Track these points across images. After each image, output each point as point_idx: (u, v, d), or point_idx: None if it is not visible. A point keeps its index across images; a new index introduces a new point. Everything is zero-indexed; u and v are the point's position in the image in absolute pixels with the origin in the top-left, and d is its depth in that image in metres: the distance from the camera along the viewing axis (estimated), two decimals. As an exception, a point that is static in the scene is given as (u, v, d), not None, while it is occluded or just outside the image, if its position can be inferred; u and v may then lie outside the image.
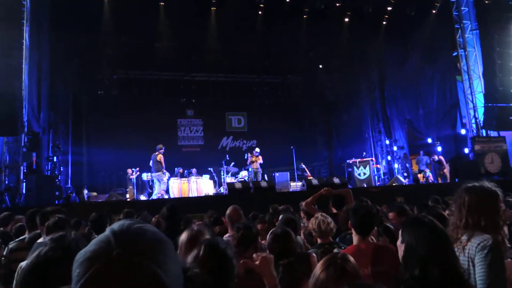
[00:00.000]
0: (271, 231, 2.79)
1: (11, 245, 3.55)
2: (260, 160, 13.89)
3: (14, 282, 1.38)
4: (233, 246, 3.13)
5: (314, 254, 2.90)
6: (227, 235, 3.89)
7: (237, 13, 14.31)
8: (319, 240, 3.36)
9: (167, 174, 12.57)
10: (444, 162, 13.69)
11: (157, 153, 12.40)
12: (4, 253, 3.50)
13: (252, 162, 13.79)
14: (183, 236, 2.47)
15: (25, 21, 9.96)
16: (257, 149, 14.06)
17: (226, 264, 1.69)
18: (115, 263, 0.67)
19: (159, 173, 12.28)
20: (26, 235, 3.73)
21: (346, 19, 15.56)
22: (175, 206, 4.93)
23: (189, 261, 1.65)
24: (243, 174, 14.32)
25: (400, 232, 1.96)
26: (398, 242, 1.97)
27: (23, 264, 1.40)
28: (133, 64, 16.61)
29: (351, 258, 1.92)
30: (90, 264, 0.67)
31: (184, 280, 0.75)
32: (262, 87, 19.28)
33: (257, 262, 1.96)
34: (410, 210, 4.24)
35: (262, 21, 15.16)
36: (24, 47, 9.84)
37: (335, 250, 3.05)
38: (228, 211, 4.09)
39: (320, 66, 18.94)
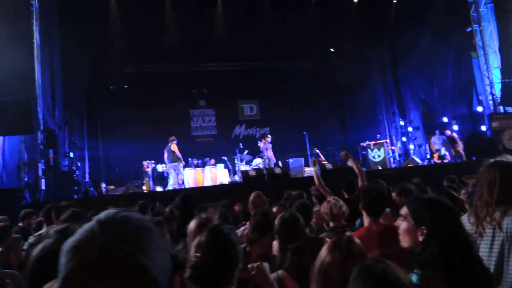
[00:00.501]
0: (279, 215, 2.80)
1: (31, 239, 3.65)
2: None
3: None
4: (249, 232, 3.15)
5: (327, 239, 2.89)
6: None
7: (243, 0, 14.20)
8: (331, 224, 3.36)
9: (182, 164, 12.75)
10: (458, 140, 13.44)
11: (170, 144, 12.52)
12: (25, 247, 3.60)
13: (266, 149, 13.83)
14: (192, 224, 2.50)
15: (34, 20, 10.06)
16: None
17: (230, 250, 1.69)
18: (99, 252, 0.67)
19: (176, 163, 12.43)
20: (44, 230, 3.83)
21: (355, 0, 15.27)
22: (188, 195, 5.00)
23: (194, 247, 1.67)
24: (257, 161, 14.33)
25: (406, 213, 1.91)
26: (405, 225, 1.90)
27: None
28: (143, 58, 16.69)
29: (357, 240, 1.90)
30: (74, 253, 0.67)
31: (173, 267, 0.76)
32: (272, 74, 19.21)
33: (253, 273, 1.94)
34: (414, 189, 4.19)
35: (269, 7, 15.00)
36: (35, 46, 9.96)
37: (348, 234, 3.04)
38: (251, 197, 4.09)
39: (332, 49, 18.70)
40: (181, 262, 0.78)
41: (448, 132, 13.75)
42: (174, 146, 12.44)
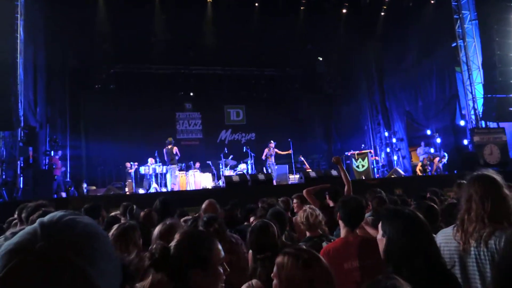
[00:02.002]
0: (252, 224, 2.76)
1: None
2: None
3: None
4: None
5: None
6: None
7: (234, 5, 14.21)
8: (307, 234, 3.33)
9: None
10: (435, 164, 13.58)
11: (170, 146, 12.89)
12: None
13: (271, 155, 13.90)
14: (156, 230, 2.45)
15: (19, 15, 9.88)
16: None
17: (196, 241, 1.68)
18: (37, 257, 0.62)
19: (174, 166, 12.69)
20: (18, 229, 3.72)
21: (344, 10, 15.43)
22: (167, 199, 4.92)
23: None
24: (242, 167, 14.29)
25: (380, 225, 1.92)
26: (379, 236, 1.93)
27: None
28: (130, 58, 16.56)
29: (317, 254, 1.88)
30: (10, 257, 0.62)
31: (124, 277, 0.71)
32: (260, 80, 19.25)
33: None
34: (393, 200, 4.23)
35: (259, 13, 15.04)
36: (18, 41, 9.77)
37: (324, 244, 3.02)
38: (203, 205, 4.01)
39: (320, 58, 18.84)
40: (133, 272, 0.73)
41: (432, 150, 13.96)
42: (175, 148, 12.86)
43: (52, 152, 12.76)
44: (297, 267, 1.77)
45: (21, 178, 10.33)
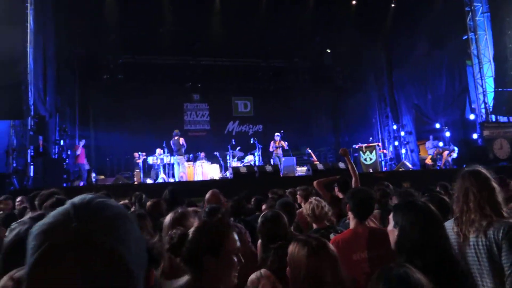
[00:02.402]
0: (262, 214, 2.78)
1: (13, 225, 3.57)
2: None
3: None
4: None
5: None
6: None
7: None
8: (314, 225, 3.34)
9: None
10: (444, 158, 13.50)
11: (177, 137, 12.93)
12: (7, 233, 3.54)
13: (277, 147, 13.89)
14: (167, 218, 2.47)
15: (29, 5, 9.91)
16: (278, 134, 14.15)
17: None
18: (72, 238, 0.63)
19: (181, 156, 12.78)
20: (29, 216, 3.77)
21: (354, 2, 15.28)
22: (176, 189, 4.95)
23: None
24: (249, 158, 14.33)
25: (391, 216, 1.93)
26: (389, 227, 1.94)
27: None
28: (138, 49, 16.57)
29: (328, 243, 1.92)
30: (45, 238, 0.63)
31: (149, 259, 0.72)
32: (268, 72, 19.18)
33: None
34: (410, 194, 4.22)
35: (268, 4, 14.96)
36: (28, 30, 9.82)
37: (331, 235, 3.03)
38: (207, 196, 4.02)
39: (328, 50, 18.71)
40: (157, 255, 0.75)
41: (440, 144, 13.86)
42: (182, 139, 12.90)
43: (62, 141, 12.88)
44: (304, 254, 1.80)
45: (32, 166, 10.46)
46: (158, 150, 13.40)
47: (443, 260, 1.73)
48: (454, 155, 13.56)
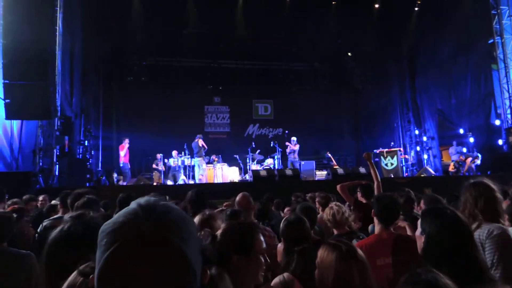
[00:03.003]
0: (284, 218, 2.80)
1: (45, 222, 3.68)
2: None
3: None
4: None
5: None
6: None
7: (265, -1, 14.23)
8: (335, 231, 3.34)
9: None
10: (467, 164, 13.22)
11: (197, 140, 13.16)
12: (39, 230, 3.66)
13: (294, 151, 13.99)
14: (195, 219, 2.52)
15: (58, 8, 10.21)
16: (294, 138, 14.26)
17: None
18: (143, 237, 0.67)
19: (200, 158, 12.95)
20: (60, 214, 3.89)
21: (377, 5, 15.16)
22: (201, 191, 5.00)
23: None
24: (269, 161, 14.36)
25: (419, 222, 1.93)
26: (417, 233, 1.94)
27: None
28: (162, 51, 16.85)
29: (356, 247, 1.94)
30: (117, 235, 0.68)
31: (203, 259, 0.76)
32: (289, 75, 19.19)
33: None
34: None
35: (290, 8, 14.99)
36: (57, 33, 10.10)
37: (354, 241, 3.03)
38: (237, 198, 4.04)
39: (349, 54, 18.60)
40: (210, 256, 0.79)
41: (462, 157, 13.57)
42: (201, 142, 13.14)
43: (86, 142, 13.17)
44: (334, 258, 1.82)
45: (57, 166, 10.74)
46: (174, 152, 13.57)
47: (471, 268, 1.72)
48: (478, 161, 13.25)
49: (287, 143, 14.47)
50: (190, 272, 0.69)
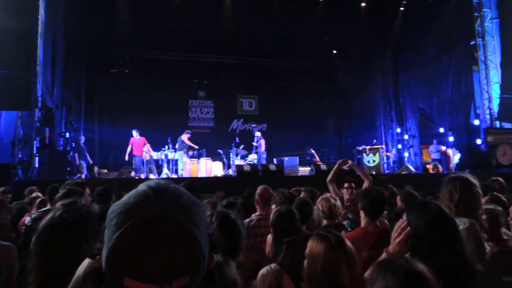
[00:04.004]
0: (275, 209, 2.82)
1: (34, 215, 3.60)
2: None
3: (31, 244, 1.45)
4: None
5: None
6: (257, 213, 3.80)
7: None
8: (325, 222, 3.39)
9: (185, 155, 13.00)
10: (452, 157, 13.52)
11: (184, 134, 13.01)
12: (26, 221, 3.59)
13: (257, 147, 13.99)
14: None
15: (40, -3, 9.98)
16: (258, 134, 14.30)
17: (236, 232, 1.79)
18: (155, 219, 0.67)
19: (181, 152, 12.79)
20: (49, 207, 3.80)
21: (363, 4, 15.28)
22: (193, 183, 4.98)
23: None
24: (252, 157, 14.37)
25: (404, 215, 1.96)
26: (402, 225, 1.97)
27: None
28: (146, 44, 16.62)
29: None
30: (128, 216, 0.68)
31: (210, 245, 0.76)
32: (274, 71, 19.20)
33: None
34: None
35: (277, 4, 14.96)
36: (39, 22, 9.87)
37: (342, 233, 3.07)
38: (258, 190, 3.98)
39: (334, 51, 18.72)
40: (216, 241, 0.79)
41: (443, 148, 13.85)
42: (184, 136, 12.93)
43: (67, 134, 12.92)
44: (322, 249, 1.84)
45: (37, 158, 10.51)
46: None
47: (458, 262, 1.75)
48: (456, 159, 13.57)
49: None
50: (200, 256, 0.69)
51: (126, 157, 12.70)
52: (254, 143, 14.23)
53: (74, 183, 3.47)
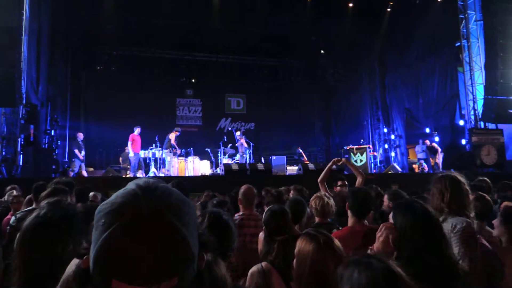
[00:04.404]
0: (268, 207, 2.82)
1: (19, 214, 3.54)
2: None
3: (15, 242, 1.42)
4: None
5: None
6: (240, 213, 3.82)
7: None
8: (317, 219, 3.41)
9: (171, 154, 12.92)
10: (439, 150, 13.75)
11: (172, 132, 13.06)
12: (11, 221, 3.53)
13: (241, 144, 13.98)
14: None
15: (25, -9, 9.80)
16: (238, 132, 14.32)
17: (228, 233, 1.80)
18: (144, 218, 0.66)
19: (167, 151, 12.77)
20: (34, 206, 3.73)
21: (351, 4, 15.38)
22: (182, 182, 4.94)
23: None
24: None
25: (391, 215, 1.98)
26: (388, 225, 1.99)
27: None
28: (134, 41, 16.42)
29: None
30: (117, 216, 0.66)
31: (199, 245, 0.75)
32: (262, 70, 19.20)
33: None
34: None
35: (265, 2, 14.95)
36: (24, 18, 9.70)
37: (334, 230, 3.09)
38: (242, 190, 3.98)
39: (322, 51, 18.81)
40: (206, 241, 0.79)
41: (427, 142, 14.06)
42: (172, 135, 12.91)
43: (52, 131, 12.72)
44: (311, 249, 1.85)
45: (21, 155, 10.34)
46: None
47: (443, 263, 1.77)
48: (440, 158, 13.79)
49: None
50: (189, 256, 0.69)
51: (132, 153, 12.39)
52: (237, 144, 14.20)
53: (62, 182, 3.42)
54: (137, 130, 12.71)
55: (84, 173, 12.60)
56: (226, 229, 1.86)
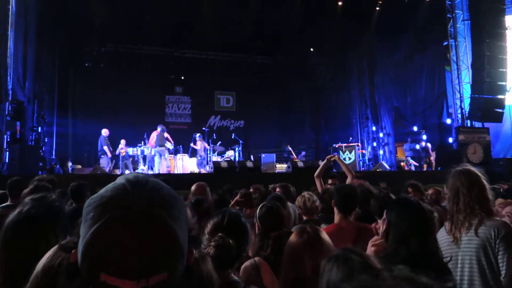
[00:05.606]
0: (262, 204, 2.83)
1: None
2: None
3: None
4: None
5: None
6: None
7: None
8: (304, 217, 3.44)
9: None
10: (430, 150, 13.93)
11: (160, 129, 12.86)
12: None
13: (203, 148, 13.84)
14: None
15: (11, -14, 9.65)
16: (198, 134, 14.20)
17: (246, 233, 1.84)
18: (133, 213, 0.66)
19: (162, 148, 12.58)
20: (9, 203, 3.69)
21: (340, 3, 15.44)
22: (168, 179, 4.93)
23: (209, 228, 1.81)
24: (230, 153, 14.37)
25: (385, 212, 2.01)
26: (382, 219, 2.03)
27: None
28: (123, 37, 16.28)
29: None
30: (106, 210, 0.66)
31: (189, 241, 0.75)
32: (252, 67, 19.20)
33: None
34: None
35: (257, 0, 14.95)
36: (10, 13, 9.55)
37: (322, 225, 3.13)
38: (193, 188, 4.03)
39: (311, 49, 18.85)
40: (196, 236, 0.79)
41: (422, 143, 14.22)
42: (166, 134, 12.82)
43: (39, 128, 12.56)
44: (299, 243, 1.87)
45: (7, 153, 10.19)
46: (123, 141, 13.22)
47: (425, 252, 1.81)
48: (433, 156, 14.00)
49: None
50: (178, 251, 0.68)
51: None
52: (191, 144, 14.05)
53: (44, 178, 3.38)
54: (159, 128, 12.83)
55: (117, 171, 12.60)
56: (243, 231, 1.84)
